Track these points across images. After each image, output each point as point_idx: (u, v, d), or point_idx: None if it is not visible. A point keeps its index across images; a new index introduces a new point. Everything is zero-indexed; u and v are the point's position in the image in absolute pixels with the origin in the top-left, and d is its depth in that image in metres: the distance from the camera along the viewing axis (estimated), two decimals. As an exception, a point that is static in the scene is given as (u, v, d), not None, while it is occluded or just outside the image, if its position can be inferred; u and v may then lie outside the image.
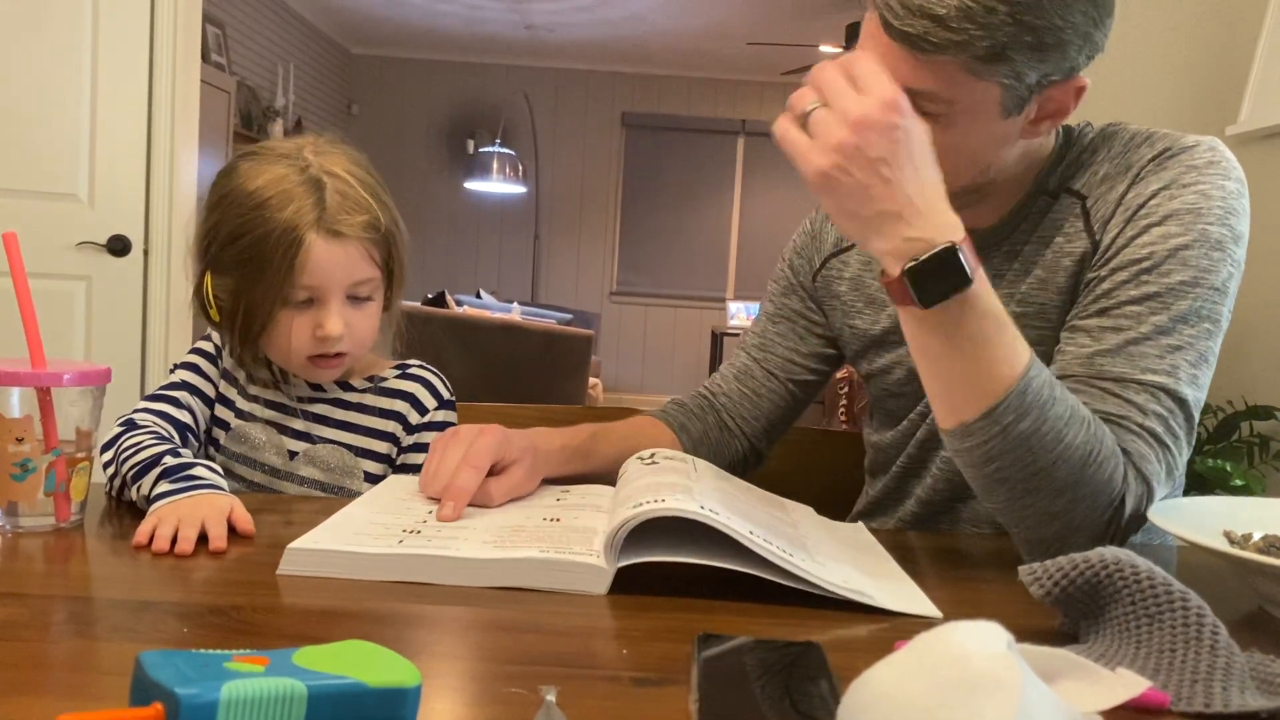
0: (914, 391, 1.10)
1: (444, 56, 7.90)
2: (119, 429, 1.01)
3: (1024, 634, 0.57)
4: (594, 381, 5.20)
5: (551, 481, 1.00)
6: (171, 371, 1.15)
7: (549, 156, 7.97)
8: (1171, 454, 0.87)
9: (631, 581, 0.74)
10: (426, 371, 1.20)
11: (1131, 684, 0.56)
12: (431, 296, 5.14)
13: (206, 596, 0.71)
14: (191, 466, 0.91)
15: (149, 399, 1.10)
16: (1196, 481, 1.99)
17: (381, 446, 1.15)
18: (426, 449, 1.05)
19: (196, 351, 1.16)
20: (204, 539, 0.81)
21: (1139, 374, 0.88)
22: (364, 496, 0.95)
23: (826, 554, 0.81)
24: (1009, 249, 1.02)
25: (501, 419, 1.03)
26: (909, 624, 0.71)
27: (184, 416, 1.09)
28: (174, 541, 0.80)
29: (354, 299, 1.08)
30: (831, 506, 1.05)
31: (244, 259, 1.04)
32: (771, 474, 1.19)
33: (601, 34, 7.06)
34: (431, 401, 1.17)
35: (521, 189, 7.41)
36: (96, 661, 0.58)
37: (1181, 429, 0.88)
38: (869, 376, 1.16)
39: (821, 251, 1.18)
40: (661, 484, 0.82)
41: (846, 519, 1.10)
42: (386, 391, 1.17)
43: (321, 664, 0.48)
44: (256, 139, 5.42)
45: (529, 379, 4.09)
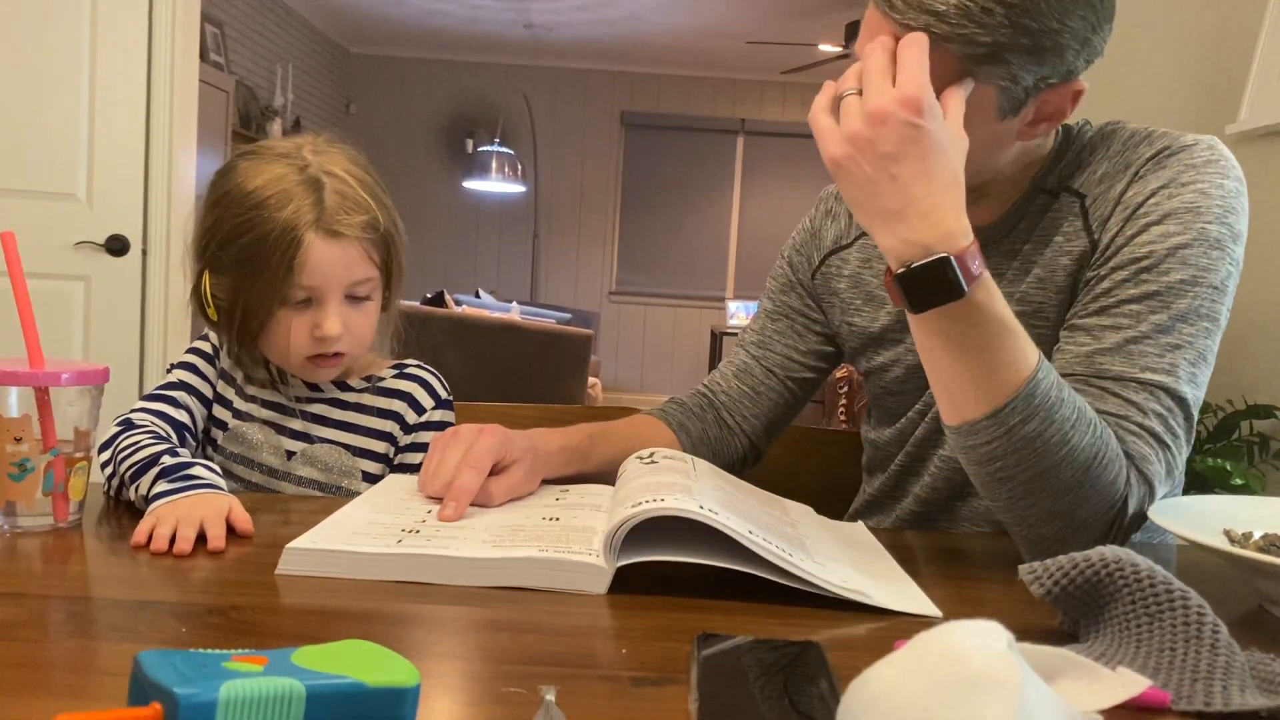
0: (913, 389, 1.10)
1: (443, 56, 7.89)
2: (117, 429, 1.01)
3: (1024, 633, 0.57)
4: (593, 381, 5.20)
5: (551, 482, 1.00)
6: (169, 371, 1.15)
7: (548, 156, 7.96)
8: (1171, 453, 0.87)
9: (631, 581, 0.74)
10: (424, 371, 1.20)
11: (1132, 683, 0.56)
12: (430, 296, 5.14)
13: (205, 596, 0.70)
14: (190, 466, 0.90)
15: (147, 399, 1.10)
16: (1196, 480, 1.99)
17: (379, 446, 1.15)
18: (424, 449, 1.05)
19: (194, 351, 1.16)
20: (202, 539, 0.81)
21: (1138, 373, 0.88)
22: (362, 496, 0.95)
23: (826, 553, 0.81)
24: (1008, 248, 1.02)
25: (501, 419, 1.03)
26: (908, 623, 0.71)
27: (182, 416, 1.09)
28: (172, 541, 0.79)
29: (352, 299, 1.08)
30: (830, 506, 1.05)
31: (242, 258, 1.04)
32: (770, 473, 1.19)
33: (600, 33, 7.06)
34: (429, 401, 1.17)
35: (520, 188, 7.40)
36: (95, 661, 0.58)
37: (1181, 428, 0.88)
38: (868, 374, 1.16)
39: (821, 249, 1.18)
40: (661, 483, 0.82)
41: (844, 518, 1.10)
42: (384, 391, 1.17)
43: (320, 664, 0.48)
44: (255, 138, 5.42)
45: (528, 379, 4.09)
